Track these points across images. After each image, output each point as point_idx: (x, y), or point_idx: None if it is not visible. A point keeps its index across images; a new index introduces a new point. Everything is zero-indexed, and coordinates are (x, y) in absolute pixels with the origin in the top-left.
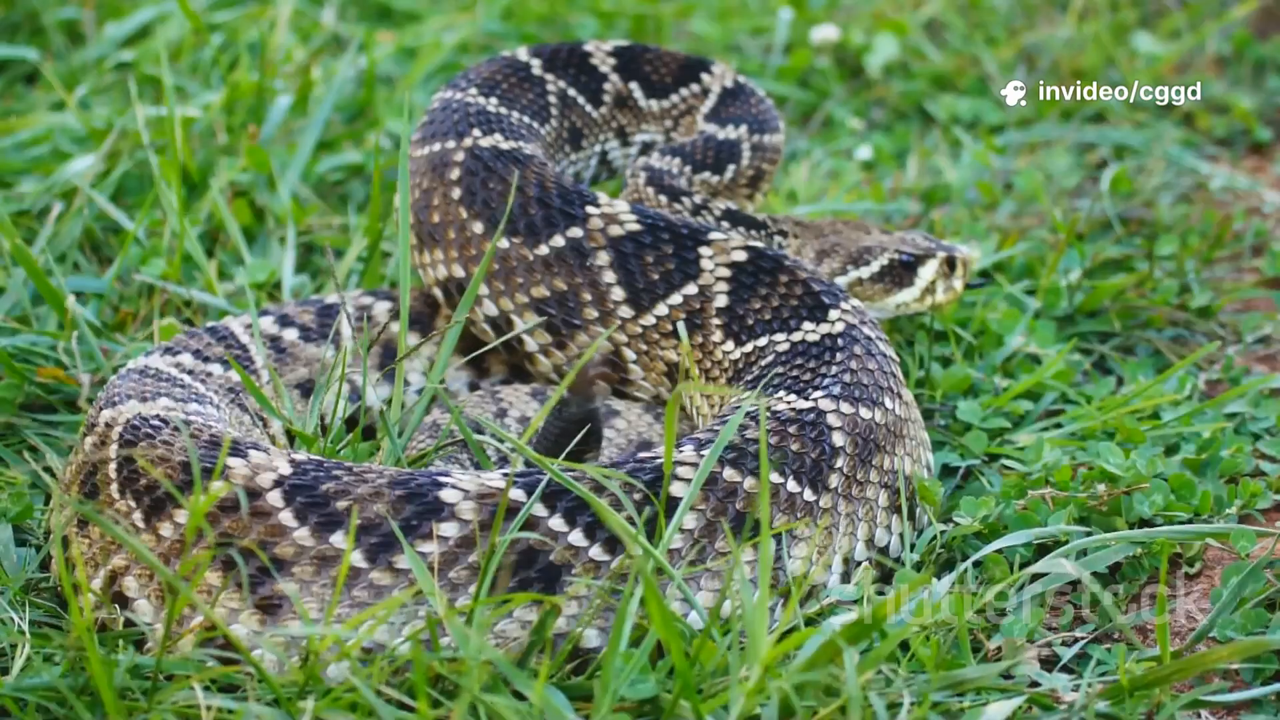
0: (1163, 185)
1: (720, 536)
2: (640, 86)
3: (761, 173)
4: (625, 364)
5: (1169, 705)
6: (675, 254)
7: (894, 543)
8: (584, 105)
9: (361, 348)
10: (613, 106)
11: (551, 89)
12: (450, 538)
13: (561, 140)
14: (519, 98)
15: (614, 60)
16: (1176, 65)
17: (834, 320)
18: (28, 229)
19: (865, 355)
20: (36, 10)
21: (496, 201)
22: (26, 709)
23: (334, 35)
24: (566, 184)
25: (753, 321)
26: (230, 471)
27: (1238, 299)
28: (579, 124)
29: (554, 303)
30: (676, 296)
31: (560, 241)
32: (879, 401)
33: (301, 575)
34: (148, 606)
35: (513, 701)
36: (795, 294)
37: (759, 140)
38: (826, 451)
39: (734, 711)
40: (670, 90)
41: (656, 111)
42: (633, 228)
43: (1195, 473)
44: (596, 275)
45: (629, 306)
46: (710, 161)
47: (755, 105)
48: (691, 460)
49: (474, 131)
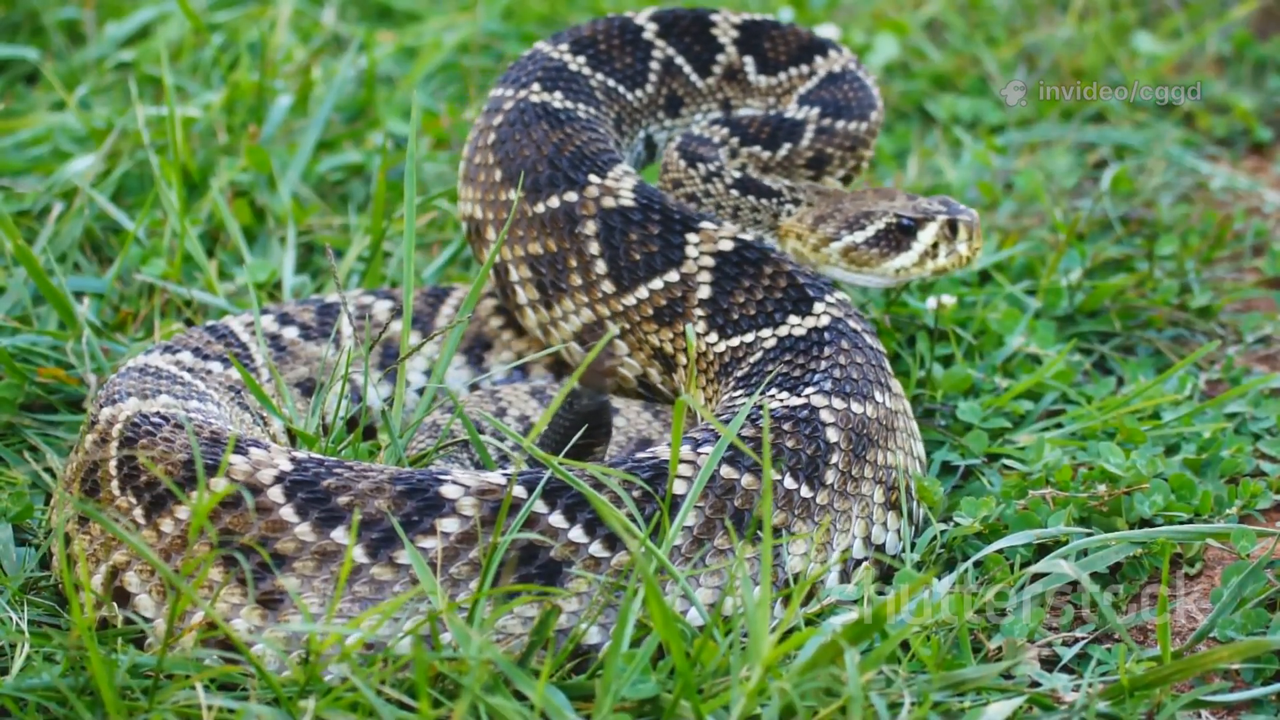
0: (1163, 185)
1: (719, 534)
2: (755, 61)
3: (826, 156)
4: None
5: (1169, 705)
6: (660, 236)
7: (891, 540)
8: (689, 74)
9: (363, 347)
10: (721, 78)
11: (657, 54)
12: (451, 533)
13: (656, 107)
14: (614, 60)
15: (736, 33)
16: (1177, 65)
17: (819, 314)
18: (28, 229)
19: (853, 349)
20: (36, 10)
21: (516, 154)
22: (26, 709)
23: (334, 35)
24: (591, 151)
25: (737, 315)
26: (231, 468)
27: (1238, 299)
28: (680, 92)
29: (545, 262)
30: (658, 281)
31: (555, 203)
32: (869, 395)
33: (303, 570)
34: (149, 602)
35: (514, 702)
36: (779, 286)
37: (829, 124)
38: (822, 448)
39: (735, 712)
40: (782, 68)
41: (763, 87)
42: (626, 203)
43: (1195, 473)
44: (583, 245)
45: (611, 282)
46: (764, 136)
47: (848, 91)
48: (689, 458)
49: (534, 85)
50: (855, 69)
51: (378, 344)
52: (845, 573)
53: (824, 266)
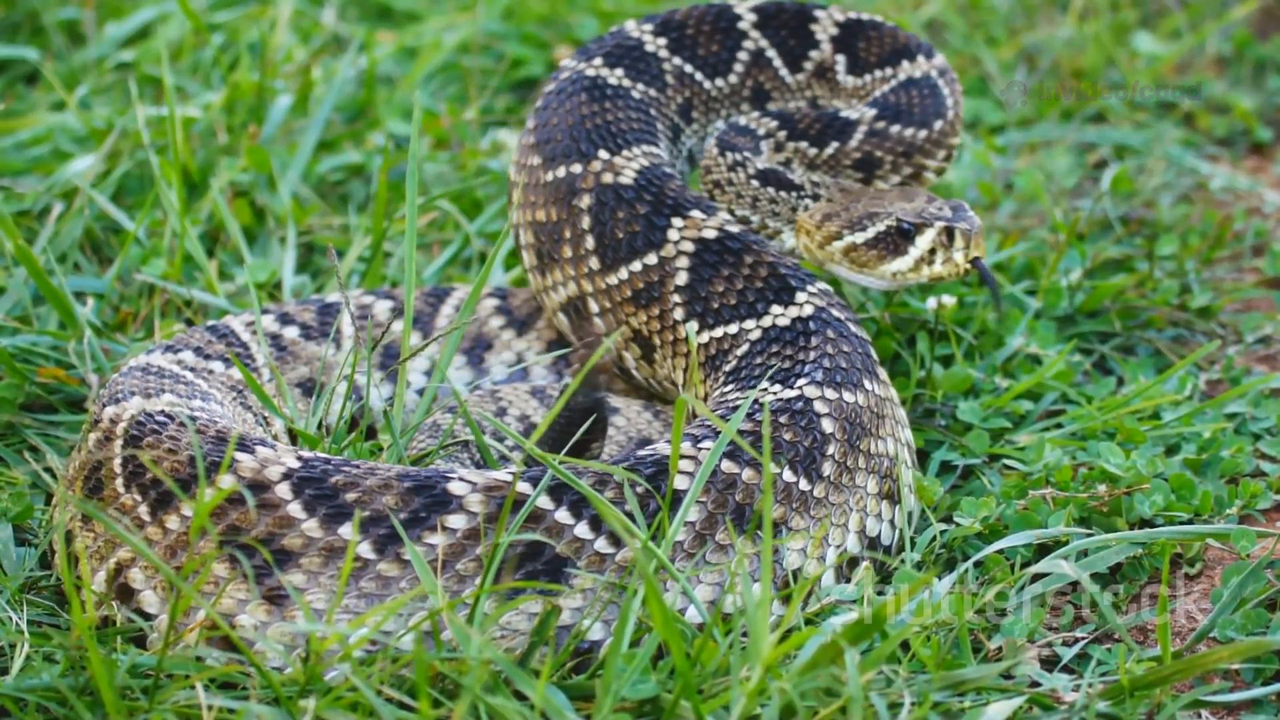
0: (1163, 185)
1: (719, 529)
2: (846, 60)
3: (875, 160)
4: (588, 314)
5: (1169, 705)
6: (645, 218)
7: (884, 530)
8: (779, 67)
9: (364, 348)
10: (811, 74)
11: (748, 44)
12: (458, 530)
13: (739, 98)
14: (700, 45)
15: (837, 30)
16: (1177, 65)
17: (802, 303)
18: (28, 229)
19: (839, 338)
20: (36, 10)
21: (547, 121)
22: (26, 709)
23: (334, 35)
24: (618, 128)
25: (717, 305)
26: (238, 465)
27: (1238, 299)
28: (767, 85)
29: (545, 230)
30: (638, 263)
31: (561, 173)
32: (859, 384)
33: (309, 566)
34: (153, 598)
35: (514, 702)
36: (760, 276)
37: (883, 127)
38: (818, 439)
39: (735, 712)
40: (869, 69)
41: (849, 88)
42: (624, 181)
43: (1195, 473)
44: (577, 218)
45: (597, 259)
46: (813, 132)
47: (915, 97)
48: (689, 453)
49: (597, 59)
50: (936, 77)
51: (379, 345)
52: (842, 568)
53: (829, 265)
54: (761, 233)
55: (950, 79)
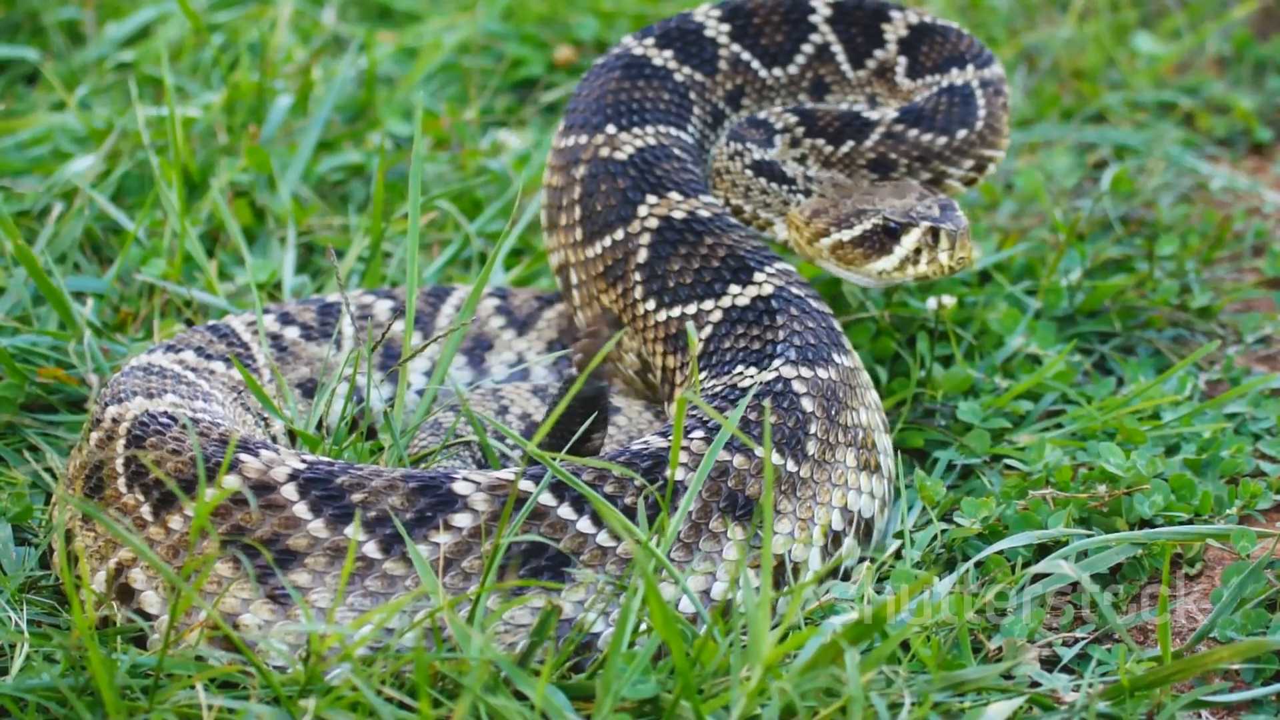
0: (1163, 185)
1: (714, 516)
2: (907, 62)
3: (890, 161)
4: (569, 285)
5: (1169, 705)
6: (623, 193)
7: (865, 503)
8: (842, 63)
9: (365, 348)
10: (872, 72)
11: (815, 37)
12: (463, 528)
13: (798, 89)
14: (764, 35)
15: (907, 31)
16: (1177, 65)
17: (760, 283)
18: (28, 229)
19: (802, 314)
20: (36, 10)
21: (581, 93)
22: (26, 709)
23: (334, 35)
24: (639, 106)
25: (674, 284)
26: (243, 465)
27: (1238, 299)
28: (829, 79)
29: (553, 194)
30: (608, 238)
31: (570, 142)
32: (830, 359)
33: (315, 566)
34: (155, 598)
35: (514, 702)
36: (718, 256)
37: (901, 130)
38: (800, 419)
39: (735, 712)
40: (924, 74)
41: (904, 90)
42: (618, 156)
43: (1195, 473)
44: (572, 187)
45: (580, 229)
46: (831, 130)
47: (944, 103)
48: (681, 444)
49: (648, 40)
50: (976, 86)
51: (379, 345)
52: (826, 546)
53: (819, 261)
54: (753, 224)
55: (992, 91)
